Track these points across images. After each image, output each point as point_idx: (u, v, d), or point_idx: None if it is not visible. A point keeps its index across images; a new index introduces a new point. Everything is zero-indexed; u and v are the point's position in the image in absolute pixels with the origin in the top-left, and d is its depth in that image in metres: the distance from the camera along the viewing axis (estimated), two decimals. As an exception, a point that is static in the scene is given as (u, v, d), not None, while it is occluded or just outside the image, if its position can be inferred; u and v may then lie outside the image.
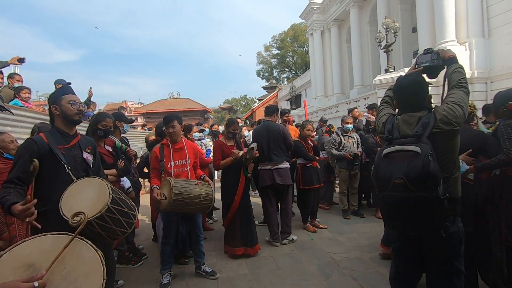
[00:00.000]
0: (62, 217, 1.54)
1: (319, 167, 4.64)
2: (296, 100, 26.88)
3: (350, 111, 5.57)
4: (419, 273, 1.81)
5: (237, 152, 3.45)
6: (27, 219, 1.44)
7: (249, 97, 55.10)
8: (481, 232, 2.27)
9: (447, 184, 1.57)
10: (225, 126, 3.83)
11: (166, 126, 2.91)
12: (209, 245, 3.92)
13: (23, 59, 3.45)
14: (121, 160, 3.04)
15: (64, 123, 1.85)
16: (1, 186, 1.70)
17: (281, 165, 3.92)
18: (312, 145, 4.55)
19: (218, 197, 4.22)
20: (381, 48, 11.26)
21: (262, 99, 37.85)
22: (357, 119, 5.45)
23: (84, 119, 5.54)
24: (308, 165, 4.42)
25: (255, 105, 40.27)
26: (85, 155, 1.88)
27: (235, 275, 3.12)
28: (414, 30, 12.48)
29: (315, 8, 19.14)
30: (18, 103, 3.79)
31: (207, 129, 5.33)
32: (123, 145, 3.27)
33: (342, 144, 4.90)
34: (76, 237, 1.22)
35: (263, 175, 3.96)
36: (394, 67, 10.84)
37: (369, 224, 4.54)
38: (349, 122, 5.00)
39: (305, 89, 25.50)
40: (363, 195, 5.60)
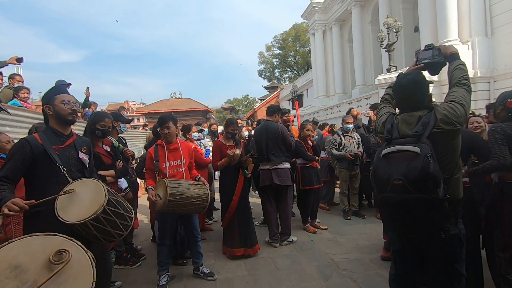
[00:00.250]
0: (56, 218, 1.53)
1: (319, 167, 4.61)
2: (297, 100, 26.81)
3: (348, 112, 5.55)
4: (419, 276, 1.77)
5: (232, 152, 3.41)
6: (5, 210, 1.40)
7: (251, 97, 55.12)
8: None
9: (448, 185, 1.53)
10: (224, 127, 3.80)
11: (161, 127, 2.90)
12: (208, 246, 3.90)
13: (21, 59, 3.44)
14: (119, 160, 3.02)
15: (58, 123, 1.82)
16: None
17: (280, 166, 3.88)
18: (312, 145, 4.52)
19: (218, 197, 4.21)
20: (383, 47, 11.22)
21: (263, 99, 37.81)
22: (356, 117, 5.42)
23: (84, 119, 5.55)
24: (308, 165, 4.39)
25: (257, 105, 40.25)
26: (81, 155, 1.86)
27: (233, 276, 3.09)
28: (416, 29, 12.41)
29: (316, 8, 19.11)
30: (17, 103, 3.79)
31: (206, 129, 5.30)
32: (120, 145, 3.25)
33: (343, 144, 4.87)
34: (63, 237, 1.20)
35: (262, 175, 3.95)
36: (396, 66, 10.79)
37: (370, 225, 4.50)
38: (349, 122, 4.96)
39: (307, 89, 25.45)
40: (364, 196, 5.57)
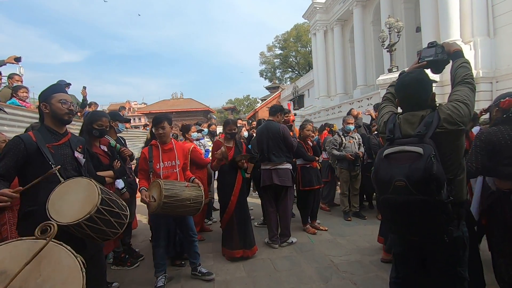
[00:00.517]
0: (49, 218, 1.50)
1: (319, 168, 4.57)
2: (298, 100, 26.78)
3: (349, 112, 5.51)
4: (420, 279, 1.73)
5: (219, 152, 3.40)
6: None
7: (252, 97, 55.12)
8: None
9: (451, 186, 1.49)
10: (222, 128, 3.79)
11: (156, 127, 2.85)
12: (206, 247, 3.87)
13: (19, 58, 3.43)
14: (117, 160, 2.99)
15: (53, 122, 1.80)
16: None
17: (280, 166, 3.84)
18: (312, 145, 4.48)
19: (217, 198, 4.18)
20: (385, 47, 11.17)
21: (265, 99, 37.80)
22: (356, 117, 5.38)
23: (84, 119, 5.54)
24: (308, 165, 4.35)
25: (258, 105, 40.23)
26: (76, 154, 1.83)
27: (232, 278, 3.06)
28: (418, 29, 12.35)
29: (318, 8, 19.07)
30: (15, 102, 3.77)
31: (205, 129, 5.27)
32: (118, 144, 3.20)
33: (343, 145, 4.83)
34: (52, 241, 1.16)
35: (263, 175, 3.93)
36: (397, 66, 10.74)
37: (371, 226, 4.45)
38: (350, 123, 4.92)
39: (308, 89, 25.40)
40: (364, 197, 5.52)
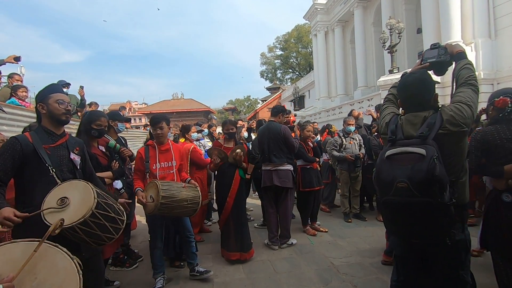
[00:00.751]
0: (43, 221, 1.48)
1: (319, 169, 4.55)
2: (299, 101, 26.76)
3: (350, 113, 5.49)
4: (421, 282, 1.71)
5: (215, 155, 3.45)
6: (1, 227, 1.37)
7: (253, 98, 55.16)
8: None
9: (454, 189, 1.47)
10: (221, 128, 3.78)
11: (154, 127, 2.83)
12: (206, 248, 3.85)
13: (19, 58, 3.42)
14: (115, 161, 2.97)
15: (51, 123, 1.77)
16: None
17: (281, 167, 3.82)
18: (312, 146, 4.46)
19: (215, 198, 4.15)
20: (385, 49, 11.15)
21: (265, 100, 37.81)
22: (357, 118, 5.36)
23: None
24: (308, 166, 4.33)
25: (259, 106, 40.22)
26: (72, 155, 1.80)
27: (231, 279, 3.03)
28: (419, 31, 12.33)
29: (319, 9, 19.07)
30: (15, 101, 3.75)
31: (206, 129, 5.26)
32: (118, 144, 3.18)
33: (344, 146, 4.81)
34: (47, 243, 1.14)
35: (264, 176, 3.92)
36: (398, 68, 10.72)
37: (371, 228, 4.43)
38: (351, 124, 4.90)
39: (309, 90, 25.39)
40: (365, 198, 5.50)
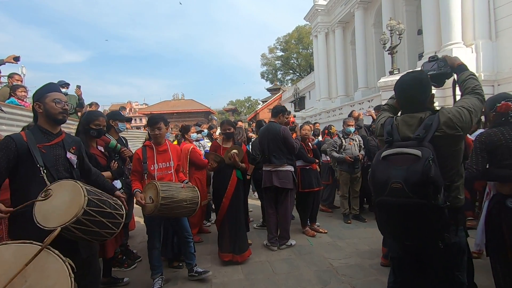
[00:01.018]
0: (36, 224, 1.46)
1: (319, 170, 4.54)
2: (300, 102, 26.74)
3: (350, 114, 5.48)
4: (418, 283, 1.70)
5: (211, 159, 3.51)
6: None
7: (253, 99, 55.22)
8: None
9: (449, 192, 1.48)
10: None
11: (152, 128, 2.82)
12: (205, 249, 3.84)
13: (18, 58, 3.42)
14: (114, 161, 2.96)
15: (47, 122, 1.75)
16: None
17: (281, 168, 3.81)
18: (312, 148, 4.45)
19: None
20: (386, 50, 11.15)
21: (266, 101, 37.82)
22: (357, 119, 5.35)
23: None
24: (308, 167, 4.32)
25: (259, 106, 40.25)
26: (69, 155, 1.78)
27: (229, 280, 3.02)
28: (420, 32, 12.33)
29: (319, 10, 19.07)
30: (14, 101, 3.75)
31: (206, 130, 5.25)
32: (118, 144, 3.17)
33: (343, 147, 4.80)
34: (38, 245, 1.14)
35: (264, 176, 3.93)
36: (398, 69, 10.70)
37: (371, 229, 4.41)
38: (350, 125, 4.89)
39: (309, 91, 25.39)
40: (365, 199, 5.48)
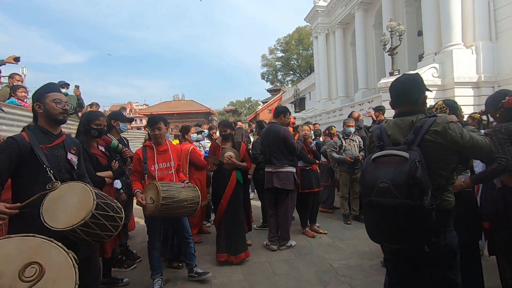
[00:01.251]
0: (42, 221, 1.47)
1: (318, 171, 4.54)
2: (300, 103, 26.76)
3: (350, 115, 5.49)
4: (413, 284, 1.71)
5: (210, 162, 3.56)
6: None
7: (254, 100, 55.25)
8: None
9: (437, 195, 1.49)
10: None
11: (152, 128, 2.83)
12: (204, 249, 3.83)
13: (18, 58, 3.43)
14: (115, 161, 2.96)
15: (47, 122, 1.76)
16: None
17: (281, 169, 3.82)
18: (312, 149, 4.45)
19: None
20: (386, 51, 11.14)
21: (266, 102, 37.83)
22: (357, 120, 5.35)
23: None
24: (308, 168, 4.32)
25: (259, 107, 40.27)
26: (70, 155, 1.79)
27: (229, 281, 3.02)
28: (420, 33, 12.34)
29: (319, 11, 19.09)
30: (14, 101, 3.75)
31: (206, 130, 5.25)
32: (120, 145, 3.18)
33: (343, 147, 4.80)
34: (42, 238, 1.16)
35: (266, 177, 3.96)
36: (399, 70, 10.70)
37: (371, 230, 4.40)
38: (351, 125, 4.90)
39: (309, 92, 25.40)
40: (365, 200, 5.46)
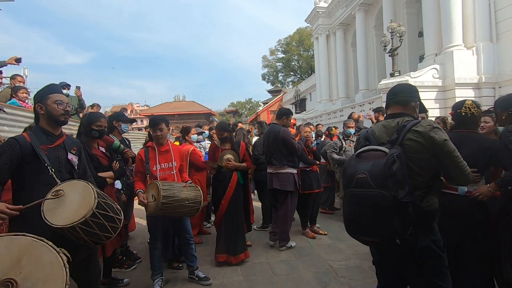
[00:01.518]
0: (42, 220, 1.49)
1: (319, 172, 4.54)
2: (300, 104, 26.78)
3: (350, 116, 5.50)
4: None
5: (209, 166, 3.63)
6: None
7: (254, 101, 55.26)
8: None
9: (418, 195, 1.51)
10: None
11: (154, 129, 2.84)
12: (204, 250, 3.84)
13: (20, 59, 3.45)
14: (115, 161, 2.98)
15: (49, 123, 1.77)
16: None
17: (281, 170, 3.83)
18: (312, 149, 4.45)
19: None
20: (387, 52, 11.15)
21: (267, 103, 37.84)
22: (357, 121, 5.36)
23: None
24: (308, 169, 4.32)
25: (260, 108, 40.28)
26: (70, 156, 1.80)
27: (229, 281, 3.03)
28: (420, 34, 12.34)
29: (320, 12, 19.11)
30: (16, 103, 3.77)
31: (206, 131, 5.26)
32: (121, 145, 3.19)
33: (343, 149, 4.80)
34: (32, 237, 1.18)
35: (268, 178, 4.00)
36: (399, 71, 10.72)
37: (371, 231, 4.40)
38: (351, 126, 4.91)
39: (310, 93, 25.40)
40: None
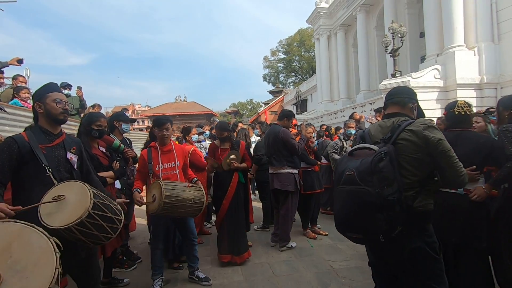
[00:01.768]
0: (39, 219, 1.48)
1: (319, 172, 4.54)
2: (301, 104, 26.78)
3: (351, 116, 5.49)
4: None
5: (209, 164, 3.65)
6: None
7: (255, 101, 55.27)
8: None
9: (410, 195, 1.50)
10: None
11: (159, 129, 2.83)
12: (204, 250, 3.83)
13: (22, 60, 3.46)
14: (115, 161, 2.98)
15: (48, 122, 1.76)
16: None
17: (281, 170, 3.83)
18: (313, 150, 4.45)
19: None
20: (388, 52, 11.14)
21: (268, 103, 37.86)
22: (359, 121, 5.35)
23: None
24: (310, 169, 4.31)
25: (261, 109, 40.28)
26: (69, 155, 1.79)
27: (229, 282, 3.02)
28: (422, 34, 12.33)
29: (321, 13, 19.14)
30: (17, 102, 3.78)
31: (207, 131, 5.26)
32: (122, 145, 3.19)
33: (344, 149, 4.79)
34: (23, 223, 1.20)
35: (269, 178, 4.01)
36: (400, 71, 10.71)
37: (372, 231, 4.39)
38: (351, 127, 4.90)
39: (311, 94, 25.41)
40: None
